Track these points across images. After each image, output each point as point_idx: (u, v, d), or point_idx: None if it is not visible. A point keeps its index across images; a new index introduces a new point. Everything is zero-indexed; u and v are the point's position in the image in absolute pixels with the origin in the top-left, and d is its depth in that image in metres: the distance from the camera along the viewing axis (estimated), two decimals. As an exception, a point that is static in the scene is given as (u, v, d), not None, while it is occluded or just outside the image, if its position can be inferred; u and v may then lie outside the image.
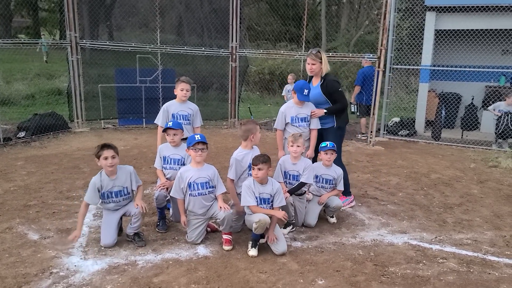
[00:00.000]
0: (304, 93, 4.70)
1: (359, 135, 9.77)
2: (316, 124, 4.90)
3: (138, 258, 3.73)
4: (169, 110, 4.87)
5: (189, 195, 3.97)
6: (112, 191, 3.96)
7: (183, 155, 4.40)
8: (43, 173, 6.10)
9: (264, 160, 3.87)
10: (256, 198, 3.93)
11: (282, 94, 11.45)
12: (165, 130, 4.41)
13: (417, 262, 3.83)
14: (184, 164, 4.35)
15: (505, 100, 8.96)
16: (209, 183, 4.00)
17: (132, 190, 4.10)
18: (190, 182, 3.94)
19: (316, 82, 5.01)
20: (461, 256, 3.98)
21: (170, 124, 4.35)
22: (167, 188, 4.28)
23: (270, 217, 3.88)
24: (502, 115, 8.68)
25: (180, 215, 4.11)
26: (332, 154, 4.65)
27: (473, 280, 3.54)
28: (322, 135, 4.99)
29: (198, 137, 3.92)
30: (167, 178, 4.39)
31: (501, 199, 5.69)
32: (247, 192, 3.92)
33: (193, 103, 5.08)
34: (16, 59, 15.03)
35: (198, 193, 3.97)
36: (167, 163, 4.42)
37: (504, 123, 8.59)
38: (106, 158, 3.86)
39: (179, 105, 4.89)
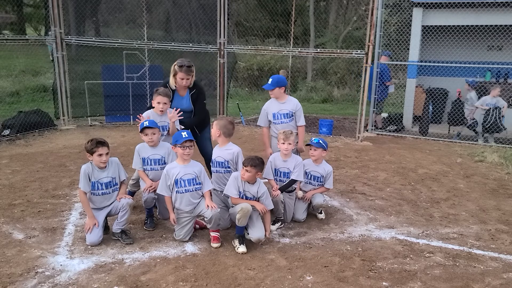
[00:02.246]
0: (268, 82, 4.82)
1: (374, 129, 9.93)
2: (303, 121, 4.94)
3: (125, 256, 3.70)
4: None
5: (176, 192, 3.94)
6: (102, 182, 3.96)
7: (163, 154, 4.34)
8: (28, 171, 6.01)
9: (254, 164, 3.86)
10: (240, 193, 3.97)
11: None
12: (142, 130, 4.27)
13: (404, 257, 3.86)
14: (165, 163, 4.32)
15: (489, 94, 9.11)
16: (195, 179, 3.98)
17: (121, 182, 4.12)
18: (177, 179, 3.92)
19: (184, 93, 4.91)
20: (448, 250, 4.02)
21: (146, 123, 4.23)
22: (154, 190, 4.25)
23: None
24: (490, 109, 8.78)
25: (166, 212, 4.12)
26: (315, 149, 4.64)
27: (459, 274, 3.58)
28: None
29: (185, 135, 3.88)
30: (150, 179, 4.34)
31: (487, 193, 5.77)
32: (232, 182, 3.97)
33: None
34: (0, 56, 14.77)
35: (185, 189, 3.94)
36: (147, 164, 4.33)
37: (493, 118, 8.69)
38: (100, 155, 3.88)
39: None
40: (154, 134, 4.28)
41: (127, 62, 9.48)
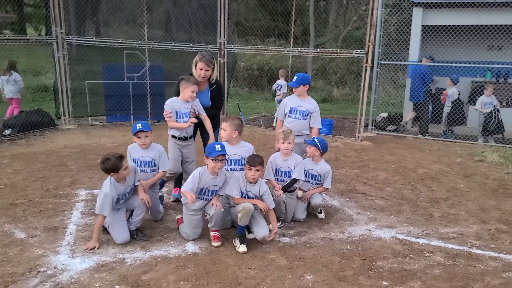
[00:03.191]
0: (293, 79, 4.94)
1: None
2: (318, 124, 5.00)
3: (126, 255, 3.71)
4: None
5: (197, 198, 3.96)
6: (125, 192, 3.97)
7: (153, 157, 4.33)
8: (30, 171, 6.03)
9: (261, 161, 3.92)
10: (242, 194, 4.00)
11: (273, 88, 11.47)
12: (135, 133, 4.25)
13: (404, 256, 3.87)
14: (155, 166, 4.35)
15: (484, 93, 9.19)
16: (218, 190, 4.04)
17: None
18: (203, 187, 3.94)
19: (203, 88, 4.87)
20: (447, 250, 4.03)
21: (139, 126, 4.21)
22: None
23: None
24: (491, 111, 8.82)
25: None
26: (309, 147, 4.66)
27: (458, 273, 3.59)
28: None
29: (219, 148, 3.79)
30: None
31: (487, 193, 5.78)
32: (234, 183, 3.99)
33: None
34: (0, 55, 14.77)
35: (206, 198, 4.01)
36: (138, 165, 4.29)
37: (496, 120, 8.73)
38: (126, 168, 3.83)
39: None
40: (146, 137, 4.26)
41: (127, 62, 9.51)
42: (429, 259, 3.84)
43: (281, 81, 10.85)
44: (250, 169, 3.91)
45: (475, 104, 9.46)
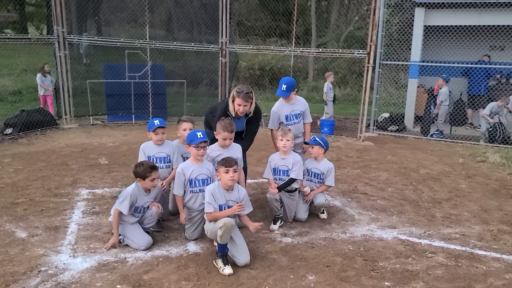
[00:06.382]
0: (282, 88, 4.67)
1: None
2: (310, 119, 4.97)
3: (128, 255, 3.71)
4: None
5: (190, 192, 3.95)
6: (145, 206, 3.95)
7: (168, 153, 4.34)
8: (31, 170, 6.03)
9: (236, 161, 3.69)
10: (220, 207, 3.67)
11: (324, 91, 10.82)
12: (154, 129, 4.25)
13: (406, 257, 3.86)
14: (170, 162, 4.35)
15: (498, 101, 9.21)
16: (208, 180, 3.99)
17: None
18: (192, 179, 3.93)
19: (240, 115, 4.53)
20: (450, 251, 4.02)
21: (157, 122, 4.24)
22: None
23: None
24: (495, 124, 8.83)
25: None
26: (312, 147, 4.66)
27: (461, 274, 3.58)
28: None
29: (200, 135, 3.85)
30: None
31: (489, 194, 5.76)
32: (209, 198, 3.64)
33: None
34: (2, 55, 14.79)
35: (199, 189, 3.96)
36: (153, 162, 4.23)
37: (502, 133, 8.73)
38: (152, 180, 3.83)
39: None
40: (163, 133, 4.30)
41: (129, 61, 9.50)
42: (431, 259, 3.83)
43: (331, 84, 10.51)
44: (227, 172, 3.57)
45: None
